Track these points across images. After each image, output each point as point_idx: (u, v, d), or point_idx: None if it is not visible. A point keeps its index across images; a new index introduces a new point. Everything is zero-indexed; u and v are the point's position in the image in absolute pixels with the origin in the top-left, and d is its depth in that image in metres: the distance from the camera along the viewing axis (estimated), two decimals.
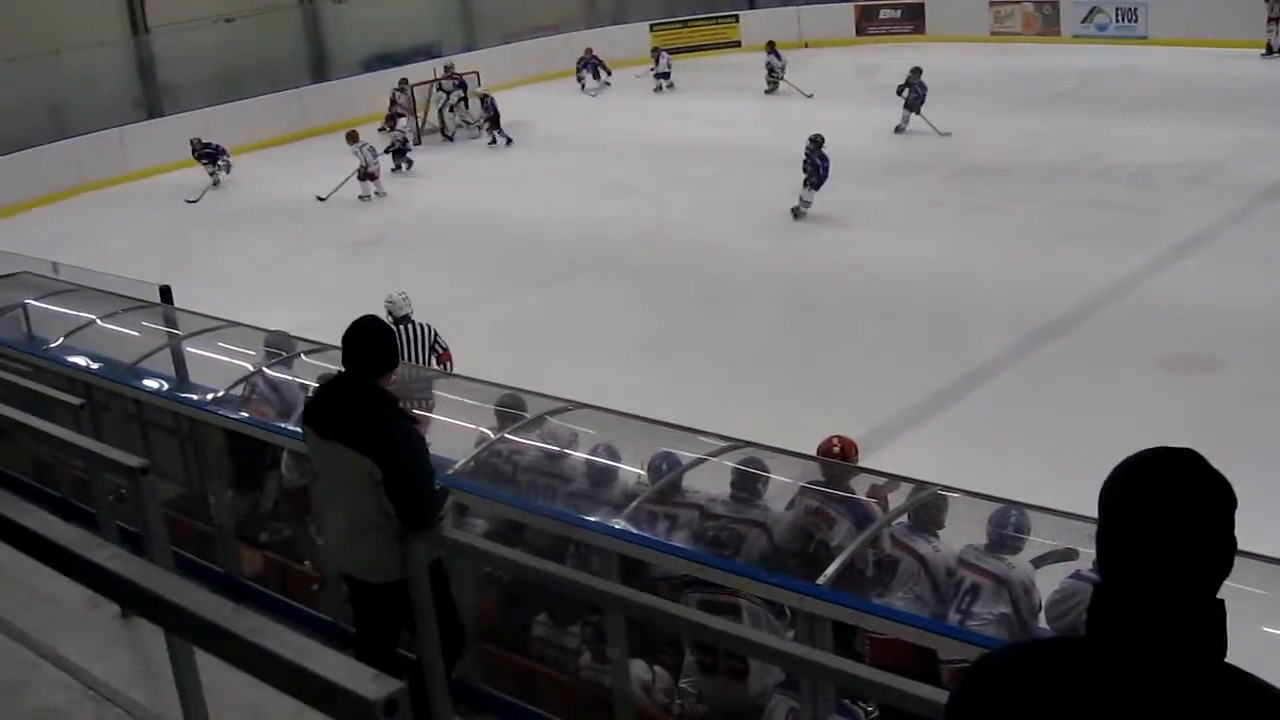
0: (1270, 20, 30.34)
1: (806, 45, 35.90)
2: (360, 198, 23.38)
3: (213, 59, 29.81)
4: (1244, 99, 25.61)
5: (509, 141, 27.84)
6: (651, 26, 37.53)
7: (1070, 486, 5.50)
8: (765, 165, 22.88)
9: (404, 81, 29.60)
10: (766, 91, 31.38)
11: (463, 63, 31.43)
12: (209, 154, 25.25)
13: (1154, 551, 2.02)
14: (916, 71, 25.07)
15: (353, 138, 23.59)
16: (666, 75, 33.19)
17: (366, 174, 23.45)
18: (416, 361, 11.40)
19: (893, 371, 13.67)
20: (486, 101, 28.37)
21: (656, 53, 34.05)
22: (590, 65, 33.93)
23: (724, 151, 24.43)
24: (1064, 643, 2.16)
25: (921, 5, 36.13)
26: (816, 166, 19.60)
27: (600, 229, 20.12)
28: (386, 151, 25.12)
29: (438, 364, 11.63)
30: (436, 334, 11.95)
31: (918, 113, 24.93)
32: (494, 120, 27.99)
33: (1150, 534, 2.02)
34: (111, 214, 23.50)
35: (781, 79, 31.31)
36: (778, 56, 31.69)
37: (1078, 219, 18.70)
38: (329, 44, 33.37)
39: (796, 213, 19.65)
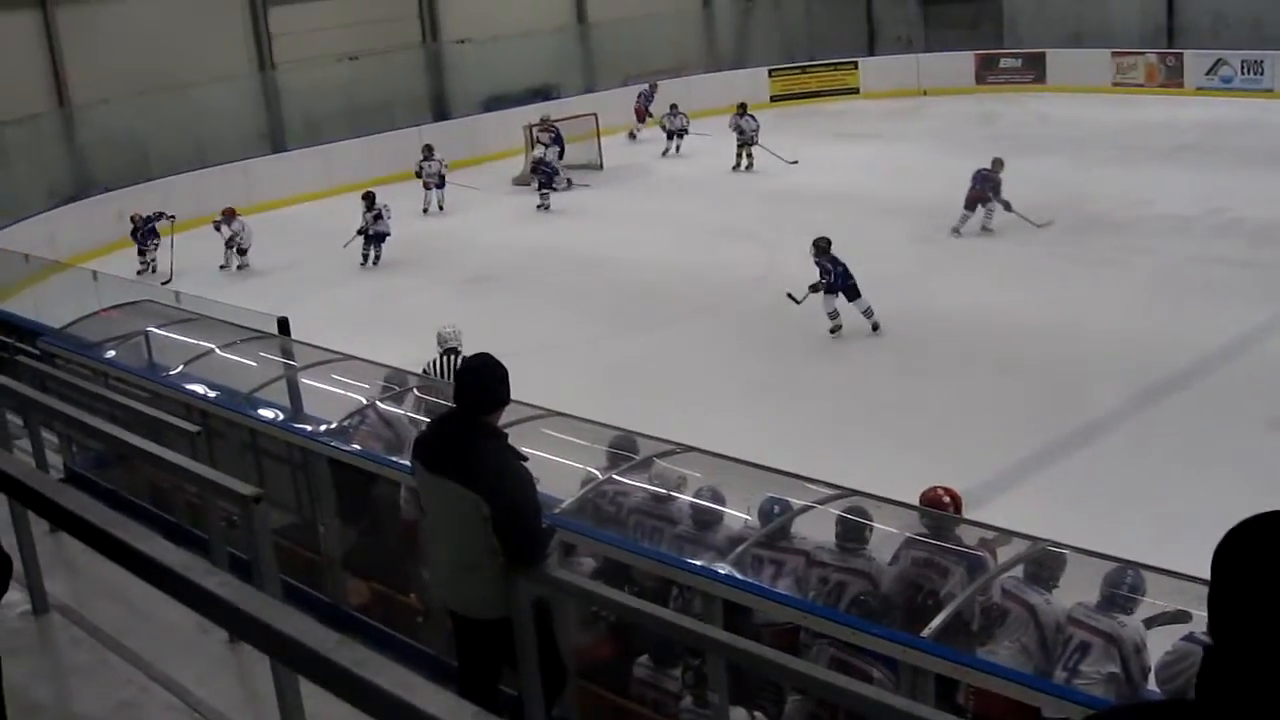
0: None
1: (925, 93, 35.76)
2: (220, 267, 22.86)
3: (337, 95, 30.38)
4: None
5: (560, 190, 26.68)
6: (770, 72, 37.59)
7: (1183, 546, 5.40)
8: (880, 212, 22.86)
9: (429, 150, 27.29)
10: (734, 167, 28.63)
11: (580, 104, 31.73)
12: (148, 232, 23.47)
13: (1266, 616, 1.97)
14: (998, 164, 21.75)
15: (229, 215, 22.91)
16: (682, 134, 31.16)
17: (240, 248, 22.97)
18: None
19: (1004, 423, 13.52)
20: (540, 166, 26.83)
21: (673, 108, 31.52)
22: (648, 101, 33.59)
23: (839, 198, 24.34)
24: (1173, 706, 2.13)
25: (1042, 55, 35.79)
26: (828, 270, 16.94)
27: (712, 272, 20.13)
28: (359, 234, 22.58)
29: None
30: None
31: (1008, 208, 21.29)
32: (545, 182, 26.45)
33: (1263, 597, 1.97)
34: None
35: (755, 143, 28.39)
36: (752, 119, 28.79)
37: (1198, 274, 18.38)
38: (450, 83, 33.86)
39: (833, 330, 17.01)
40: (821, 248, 17.15)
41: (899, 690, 5.67)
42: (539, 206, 26.26)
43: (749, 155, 28.63)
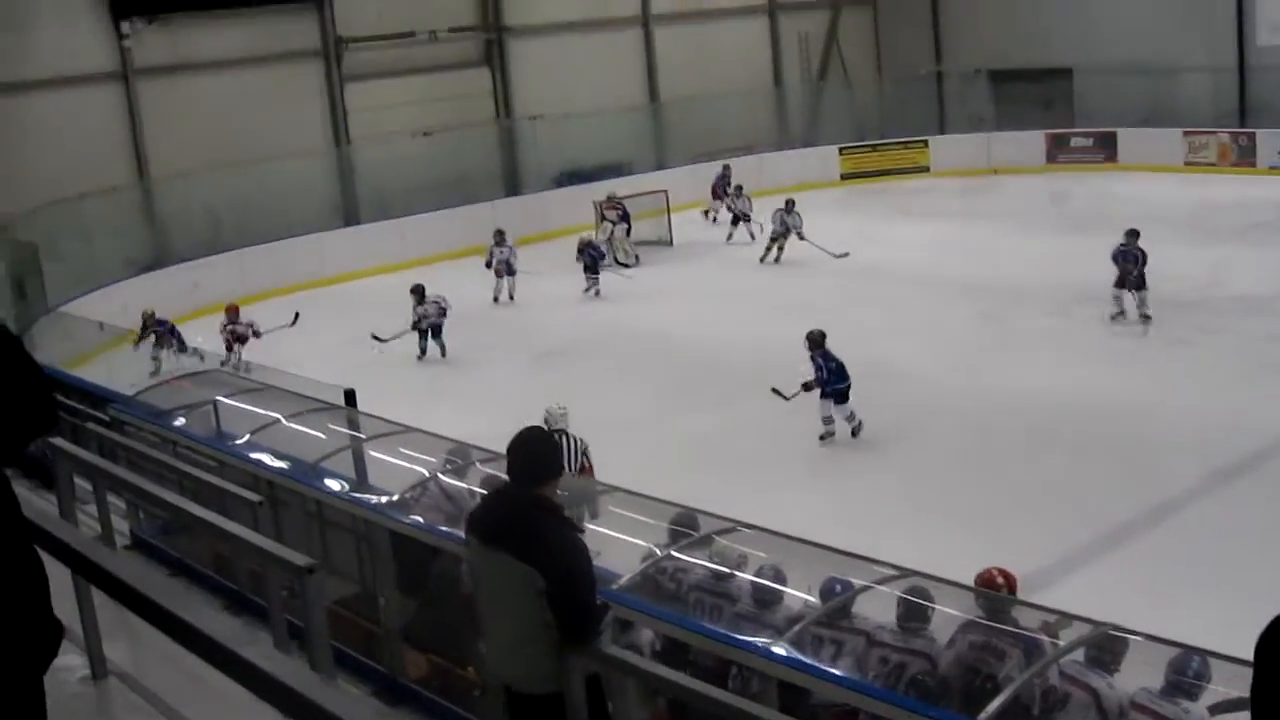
0: None
1: (996, 172, 35.70)
2: (221, 362, 20.59)
3: (410, 170, 30.75)
4: None
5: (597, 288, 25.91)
6: (841, 150, 37.67)
7: (1253, 633, 5.31)
8: (950, 291, 22.79)
9: (500, 235, 25.97)
10: (762, 259, 27.47)
11: (652, 181, 31.90)
12: (158, 332, 21.53)
13: None
14: (1133, 235, 20.69)
15: (233, 313, 21.78)
16: (747, 218, 30.03)
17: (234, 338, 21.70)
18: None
19: (1073, 504, 13.39)
20: (586, 249, 26.40)
21: (737, 190, 30.86)
22: (724, 183, 32.72)
23: (908, 276, 24.31)
24: None
25: (1114, 134, 35.65)
26: (820, 367, 16.21)
27: (780, 349, 20.04)
28: (415, 328, 22.00)
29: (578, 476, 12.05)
30: (586, 449, 12.43)
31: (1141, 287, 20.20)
32: (590, 266, 26.03)
33: None
34: (305, 316, 24.11)
35: (801, 238, 26.90)
36: (798, 216, 27.36)
37: (1272, 354, 18.15)
38: (522, 159, 34.20)
39: (823, 437, 16.18)
40: (815, 341, 16.35)
41: None
42: (586, 290, 25.82)
43: (780, 248, 27.47)
